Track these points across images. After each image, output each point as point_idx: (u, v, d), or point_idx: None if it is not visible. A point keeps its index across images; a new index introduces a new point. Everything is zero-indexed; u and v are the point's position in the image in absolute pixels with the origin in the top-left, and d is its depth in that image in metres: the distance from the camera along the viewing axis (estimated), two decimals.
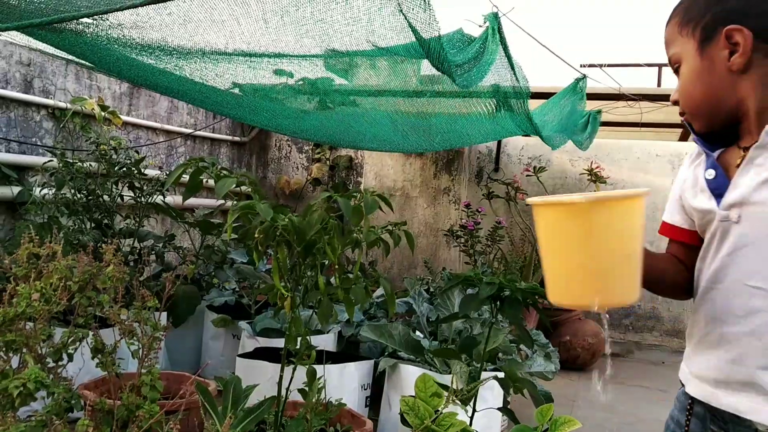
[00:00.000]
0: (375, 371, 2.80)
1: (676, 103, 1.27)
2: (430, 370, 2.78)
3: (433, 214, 6.16)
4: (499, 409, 2.20)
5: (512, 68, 2.42)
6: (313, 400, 1.82)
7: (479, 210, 5.23)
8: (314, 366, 2.57)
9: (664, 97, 5.86)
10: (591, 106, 4.45)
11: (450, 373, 2.70)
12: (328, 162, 6.28)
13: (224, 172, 1.71)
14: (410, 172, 6.04)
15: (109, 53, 2.18)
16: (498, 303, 2.24)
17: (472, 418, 2.22)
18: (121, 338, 1.52)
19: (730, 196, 1.16)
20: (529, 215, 5.84)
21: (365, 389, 2.73)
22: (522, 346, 3.42)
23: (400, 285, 5.64)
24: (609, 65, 8.13)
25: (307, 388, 1.87)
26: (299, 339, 1.80)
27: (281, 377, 1.80)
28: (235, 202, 1.64)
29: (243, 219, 1.70)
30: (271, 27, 2.08)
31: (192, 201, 5.21)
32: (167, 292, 1.75)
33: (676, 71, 1.25)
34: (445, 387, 2.20)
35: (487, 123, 2.84)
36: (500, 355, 3.04)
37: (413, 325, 3.19)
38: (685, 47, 1.21)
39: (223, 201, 5.40)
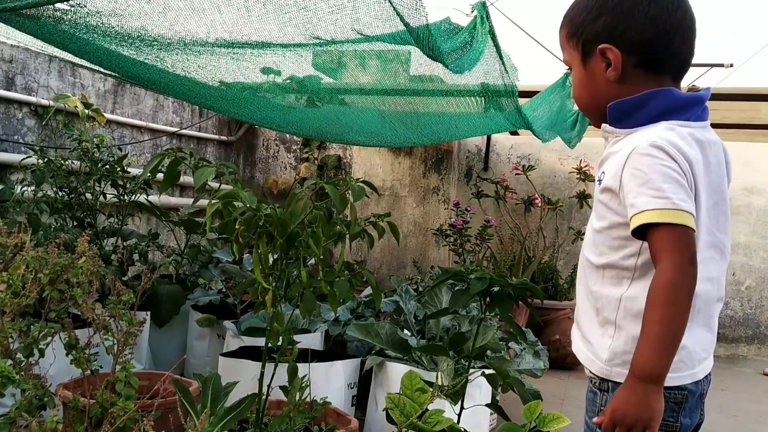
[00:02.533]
0: (362, 370, 2.75)
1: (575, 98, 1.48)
2: (418, 368, 2.73)
3: (422, 214, 6.11)
4: (488, 405, 2.16)
5: (501, 59, 2.37)
6: (296, 398, 1.77)
7: (468, 209, 5.19)
8: (299, 364, 2.53)
9: None
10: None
11: (438, 370, 2.65)
12: (316, 161, 6.22)
13: (203, 163, 1.65)
14: (399, 172, 5.99)
15: (89, 43, 2.13)
16: (488, 299, 2.20)
17: (459, 415, 2.17)
18: (94, 333, 1.46)
19: None
20: (519, 214, 5.82)
21: (352, 388, 2.68)
22: (511, 344, 3.38)
23: (389, 285, 5.60)
24: None
25: (289, 386, 1.82)
26: (281, 335, 1.75)
27: (262, 374, 1.75)
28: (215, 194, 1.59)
29: (224, 211, 1.65)
30: (253, 15, 2.02)
31: (177, 200, 5.15)
32: (142, 286, 1.69)
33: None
34: (431, 384, 2.16)
35: (477, 117, 2.80)
36: (488, 352, 2.99)
37: (401, 323, 3.14)
38: (572, 56, 1.42)
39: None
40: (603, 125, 1.39)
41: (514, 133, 6.47)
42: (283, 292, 1.72)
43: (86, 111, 4.24)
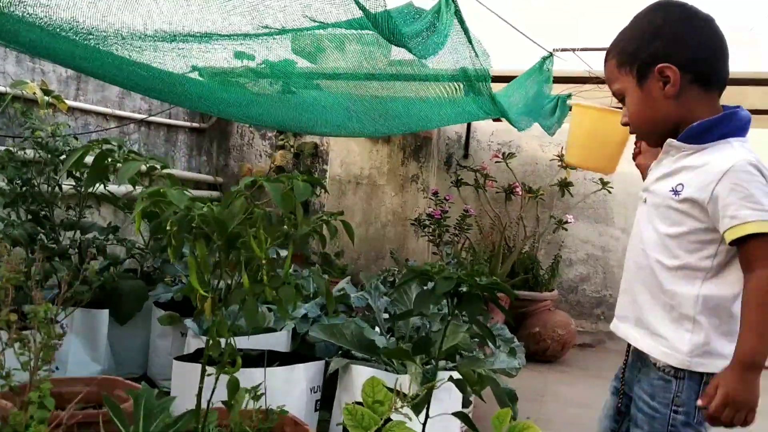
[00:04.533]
0: (327, 372, 2.60)
1: (626, 124, 1.64)
2: (386, 370, 2.59)
3: (401, 203, 5.96)
4: (454, 414, 2.02)
5: (470, 43, 2.22)
6: (238, 413, 1.62)
7: (447, 198, 5.04)
8: (256, 369, 2.38)
9: None
10: (560, 89, 4.26)
11: (407, 373, 2.51)
12: (292, 149, 6.04)
13: (132, 155, 1.49)
14: (377, 160, 5.83)
15: (18, 32, 1.94)
16: (456, 299, 2.07)
17: (424, 425, 2.03)
18: (3, 349, 1.30)
19: (644, 183, 1.69)
20: (500, 203, 5.68)
21: (315, 392, 2.53)
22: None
23: (367, 276, 5.46)
24: (583, 49, 7.98)
25: (241, 399, 1.67)
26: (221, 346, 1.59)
27: (200, 388, 1.60)
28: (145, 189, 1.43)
29: (158, 209, 1.49)
30: (193, 5, 1.86)
31: None
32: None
33: (622, 101, 1.63)
34: (398, 392, 2.02)
35: (449, 105, 2.64)
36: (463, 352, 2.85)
37: (371, 321, 3.00)
38: (626, 83, 1.58)
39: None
40: (670, 141, 1.56)
41: (496, 119, 6.33)
42: (223, 299, 1.56)
43: (46, 98, 4.05)
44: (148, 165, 1.45)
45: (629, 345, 1.70)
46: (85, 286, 3.42)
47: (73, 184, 3.49)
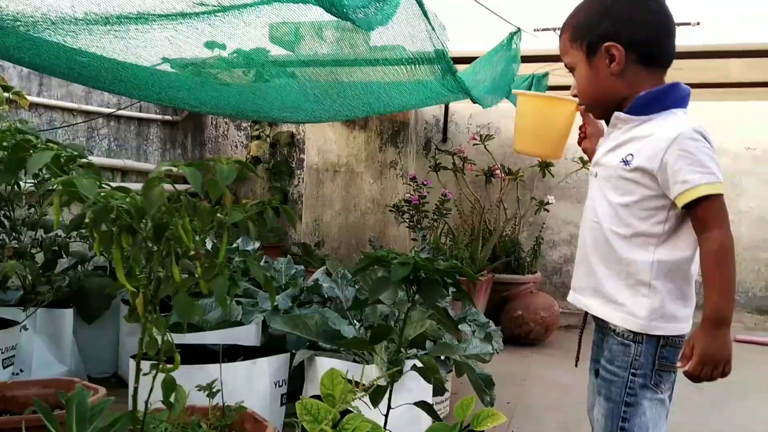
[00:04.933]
0: (292, 364, 2.52)
1: (575, 96, 1.73)
2: (354, 361, 2.51)
3: (380, 190, 5.87)
4: (416, 403, 1.94)
5: (425, 15, 2.12)
6: (178, 412, 1.53)
7: (425, 183, 4.95)
8: (210, 365, 2.29)
9: None
10: (535, 68, 4.17)
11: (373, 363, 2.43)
12: (268, 139, 5.93)
13: (50, 144, 1.39)
14: (354, 146, 5.73)
15: None
16: (415, 285, 1.98)
17: (386, 415, 1.95)
18: None
19: (594, 157, 1.73)
20: (480, 186, 5.59)
21: (280, 386, 2.45)
22: (461, 328, 3.16)
23: (349, 266, 5.37)
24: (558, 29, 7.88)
25: (182, 398, 1.58)
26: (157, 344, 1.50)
27: (135, 389, 1.51)
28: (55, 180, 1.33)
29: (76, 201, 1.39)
30: None
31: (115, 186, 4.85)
32: None
33: (573, 73, 1.69)
34: (357, 383, 1.94)
35: (409, 84, 2.55)
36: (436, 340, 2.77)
37: (342, 311, 2.91)
38: (577, 58, 1.65)
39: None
40: (617, 114, 1.62)
41: (475, 101, 6.23)
42: (153, 294, 1.47)
43: (6, 94, 3.93)
44: (65, 154, 1.35)
45: (585, 316, 1.79)
46: (47, 286, 3.34)
47: (34, 181, 3.39)
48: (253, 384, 2.33)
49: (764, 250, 5.38)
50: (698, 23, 5.83)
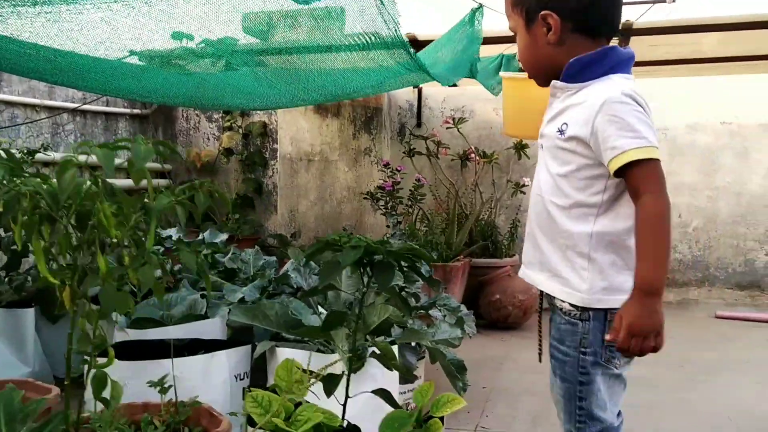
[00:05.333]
0: (254, 356, 2.45)
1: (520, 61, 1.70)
2: (319, 350, 2.44)
3: (356, 177, 5.80)
4: (373, 391, 1.87)
5: None
6: (115, 407, 1.46)
7: (399, 169, 4.88)
8: (166, 361, 2.22)
9: None
10: (503, 48, 4.09)
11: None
12: (240, 130, 5.84)
13: None
14: (327, 134, 5.65)
15: None
16: (370, 269, 1.91)
17: (344, 404, 1.88)
18: None
19: (540, 129, 1.65)
20: (456, 170, 5.52)
21: (241, 379, 2.38)
22: (431, 312, 3.11)
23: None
24: None
25: (118, 394, 1.51)
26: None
27: (67, 385, 1.44)
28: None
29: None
30: None
31: None
32: None
33: (515, 38, 1.65)
34: (310, 372, 1.88)
35: (365, 65, 2.47)
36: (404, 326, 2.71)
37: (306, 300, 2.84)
38: (517, 23, 1.60)
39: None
40: (554, 82, 1.58)
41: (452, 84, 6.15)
42: (78, 286, 1.39)
43: None
44: None
45: (541, 294, 1.74)
46: (6, 286, 3.25)
47: None
48: (211, 378, 2.26)
49: (742, 225, 5.35)
50: (674, 0, 5.77)
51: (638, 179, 1.40)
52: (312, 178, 5.61)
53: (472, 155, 5.27)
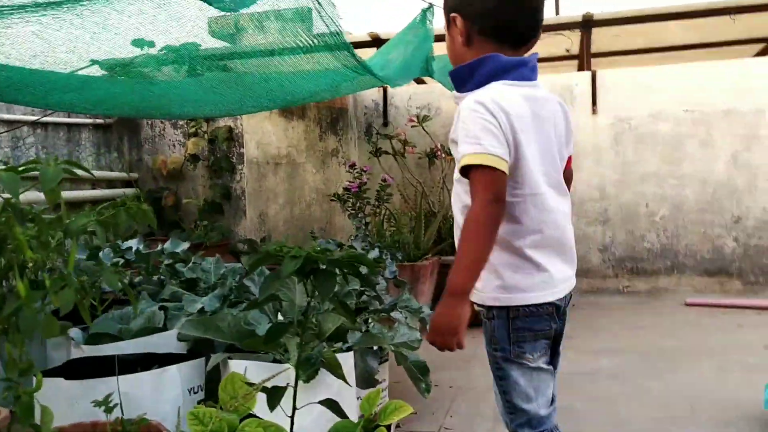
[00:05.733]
0: (207, 369, 2.42)
1: None
2: (274, 360, 2.42)
3: (324, 179, 5.77)
4: (321, 402, 1.85)
5: None
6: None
7: (365, 169, 4.86)
8: (113, 379, 2.19)
9: (562, 26, 5.57)
10: None
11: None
12: (206, 135, 5.79)
13: None
14: (294, 137, 5.62)
15: None
16: (313, 278, 1.89)
17: (292, 417, 1.86)
18: None
19: None
20: (423, 169, 5.51)
21: (195, 392, 2.35)
22: (393, 314, 3.09)
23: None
24: None
25: (48, 419, 1.48)
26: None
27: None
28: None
29: None
30: None
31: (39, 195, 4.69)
32: None
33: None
34: (251, 384, 1.86)
35: (311, 68, 2.44)
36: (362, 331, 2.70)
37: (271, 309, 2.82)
38: (444, 25, 1.68)
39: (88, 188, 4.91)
40: (453, 92, 1.65)
41: (419, 80, 6.14)
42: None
43: None
44: None
45: None
46: None
47: None
48: (163, 393, 2.23)
49: (709, 212, 5.38)
50: None
51: (472, 184, 1.47)
52: (280, 182, 5.58)
53: (439, 153, 5.26)
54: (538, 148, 1.54)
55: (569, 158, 1.71)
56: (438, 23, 3.22)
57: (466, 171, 1.47)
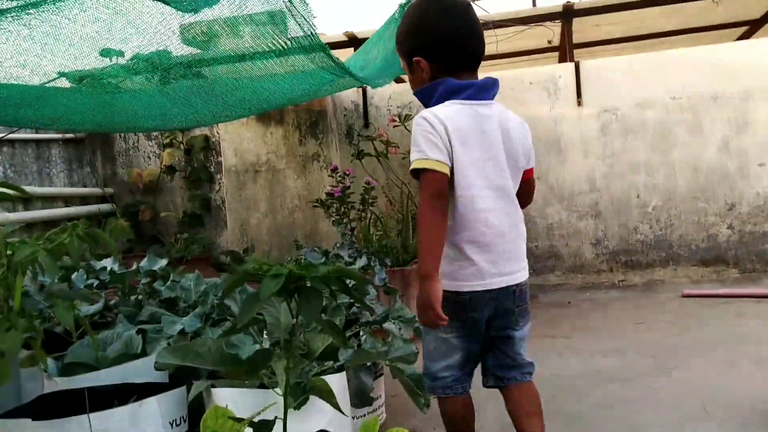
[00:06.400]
0: (189, 399, 2.24)
1: None
2: (261, 386, 2.24)
3: (306, 185, 5.60)
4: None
5: None
6: None
7: (348, 173, 4.69)
8: (82, 418, 2.02)
9: (542, 17, 5.43)
10: None
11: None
12: (182, 145, 5.60)
13: None
14: (273, 143, 5.44)
15: None
16: (297, 297, 1.73)
17: None
18: None
19: None
20: (406, 169, 5.35)
21: (178, 425, 2.17)
22: (386, 326, 2.94)
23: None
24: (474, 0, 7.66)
25: None
26: None
27: None
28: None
29: None
30: None
31: (18, 215, 4.50)
32: None
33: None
34: (239, 419, 1.69)
35: (285, 73, 2.27)
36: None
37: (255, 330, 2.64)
38: (404, 65, 2.00)
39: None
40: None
41: (399, 79, 5.98)
42: None
43: None
44: None
45: None
46: None
47: None
48: (142, 428, 2.05)
49: (702, 200, 5.27)
50: None
51: (419, 185, 1.80)
52: (261, 190, 5.40)
53: None
54: (479, 155, 1.83)
55: (530, 170, 2.00)
56: None
57: (415, 175, 1.81)
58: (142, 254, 4.56)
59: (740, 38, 6.58)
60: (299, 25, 2.01)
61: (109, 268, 3.38)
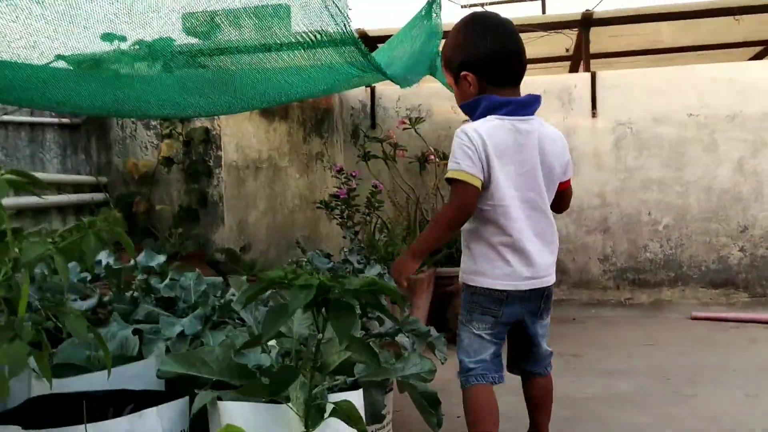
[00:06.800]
0: (192, 411, 2.07)
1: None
2: (271, 400, 2.07)
3: (308, 184, 5.43)
4: None
5: None
6: None
7: (354, 174, 4.53)
8: (72, 429, 1.85)
9: (560, 25, 5.31)
10: None
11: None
12: (181, 137, 5.41)
13: None
14: (276, 139, 5.27)
15: None
16: (325, 309, 1.57)
17: None
18: None
19: None
20: (413, 174, 5.20)
21: None
22: (399, 339, 2.78)
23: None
24: (491, 3, 7.52)
25: None
26: None
27: None
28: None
29: None
30: None
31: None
32: None
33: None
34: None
35: (312, 68, 2.12)
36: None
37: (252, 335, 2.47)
38: (449, 79, 2.19)
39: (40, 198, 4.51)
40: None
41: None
42: None
43: None
44: None
45: None
46: None
47: None
48: None
49: (714, 221, 5.15)
50: None
51: (450, 192, 2.02)
52: (261, 187, 5.23)
53: (431, 157, 4.95)
54: (515, 169, 2.01)
55: (567, 181, 2.16)
56: (446, 18, 2.93)
57: (449, 182, 2.01)
58: (136, 248, 4.39)
59: (755, 57, 6.48)
60: (332, 16, 1.86)
61: (105, 262, 3.20)
